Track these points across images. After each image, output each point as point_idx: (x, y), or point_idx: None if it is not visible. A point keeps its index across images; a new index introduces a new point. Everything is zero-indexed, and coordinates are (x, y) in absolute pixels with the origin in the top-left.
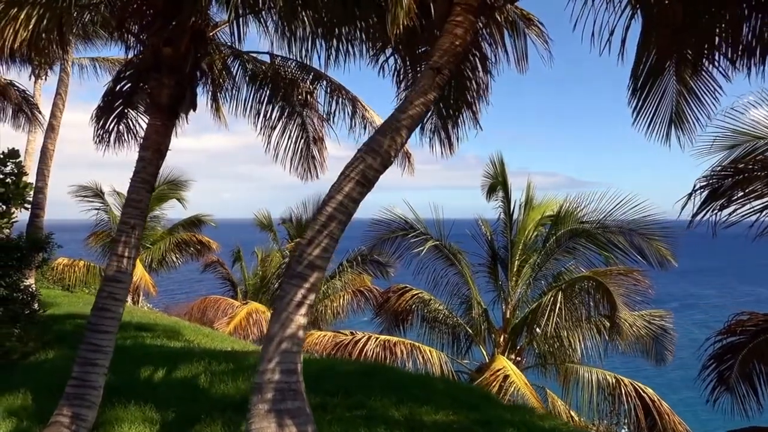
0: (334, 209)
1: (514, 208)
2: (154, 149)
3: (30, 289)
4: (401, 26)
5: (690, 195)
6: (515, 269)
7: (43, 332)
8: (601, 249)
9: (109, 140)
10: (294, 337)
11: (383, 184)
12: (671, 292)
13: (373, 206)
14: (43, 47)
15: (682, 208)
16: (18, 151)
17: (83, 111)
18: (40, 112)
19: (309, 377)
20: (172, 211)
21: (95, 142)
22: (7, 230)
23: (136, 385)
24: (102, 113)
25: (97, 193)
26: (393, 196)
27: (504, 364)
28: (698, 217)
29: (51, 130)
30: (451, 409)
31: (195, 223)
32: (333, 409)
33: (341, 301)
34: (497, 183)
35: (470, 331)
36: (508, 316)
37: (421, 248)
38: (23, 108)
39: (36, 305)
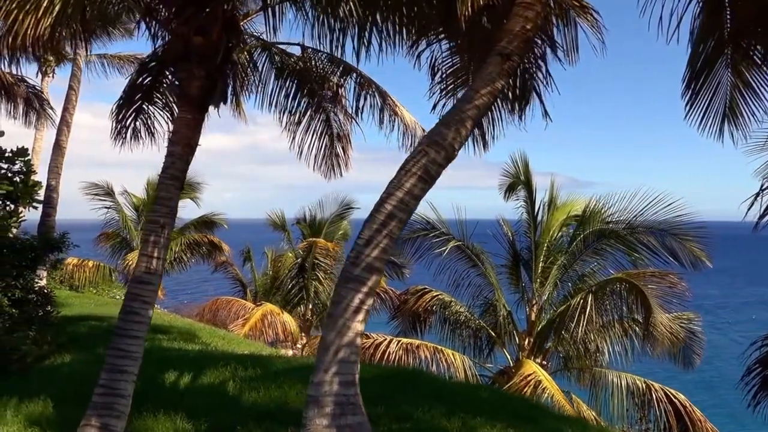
0: (393, 207)
1: (539, 208)
2: (184, 144)
3: (45, 290)
4: (471, 7)
5: (757, 195)
6: (540, 271)
7: (57, 334)
8: (631, 250)
9: (126, 136)
10: (352, 345)
11: (385, 184)
12: None
13: (370, 207)
14: (64, 38)
15: (748, 209)
16: (27, 149)
17: (86, 111)
18: (51, 107)
19: None
20: (182, 211)
21: (112, 138)
22: (15, 230)
23: (161, 391)
24: (121, 107)
25: (108, 192)
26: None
27: (534, 369)
28: (766, 219)
29: (64, 125)
30: (506, 420)
31: (206, 223)
32: (377, 420)
33: None
34: (518, 182)
35: (493, 333)
36: (533, 318)
37: (443, 249)
38: (33, 104)
39: (50, 307)
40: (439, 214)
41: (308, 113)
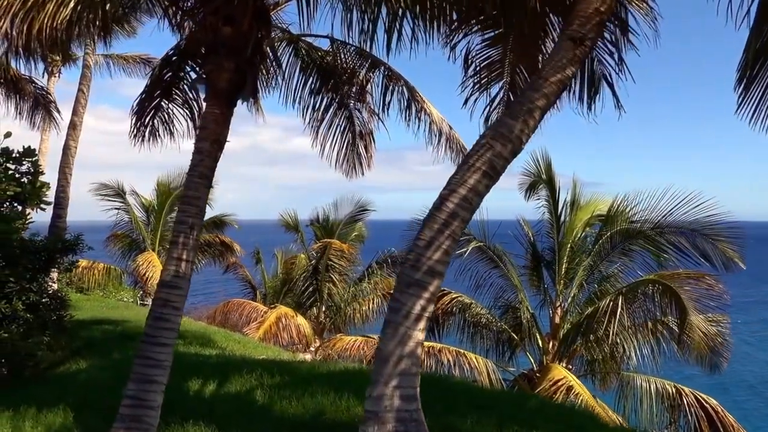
0: (456, 205)
1: (563, 208)
2: (213, 140)
3: (59, 294)
4: None
5: None
6: (563, 272)
7: (71, 339)
8: (660, 251)
9: (144, 135)
10: (413, 356)
11: (389, 185)
12: None
13: (382, 208)
14: (84, 25)
15: None
16: (34, 149)
17: (88, 114)
18: (57, 110)
19: None
20: None
21: (130, 136)
22: (23, 232)
23: (186, 400)
24: (143, 104)
25: (118, 192)
26: (399, 197)
27: (564, 373)
28: None
29: (73, 127)
30: None
31: (217, 223)
32: None
33: (371, 304)
34: (539, 181)
35: (515, 336)
36: (557, 321)
37: (464, 249)
38: (40, 104)
39: (63, 311)
40: None
41: (331, 109)
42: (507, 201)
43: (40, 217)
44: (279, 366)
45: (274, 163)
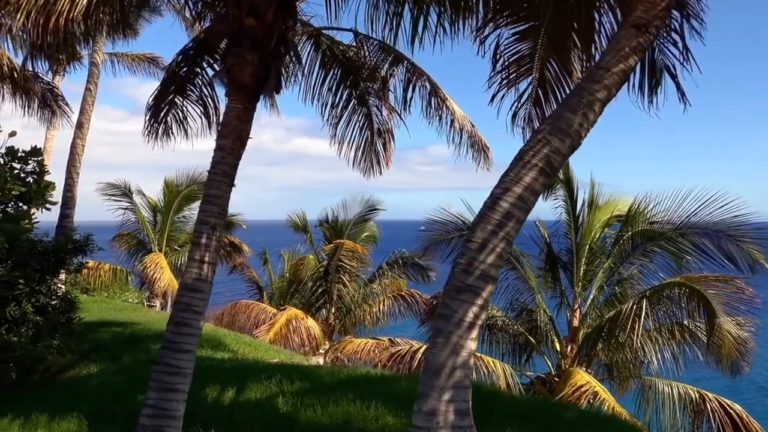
0: (511, 205)
1: (581, 208)
2: (235, 137)
3: (69, 296)
4: None
5: None
6: (581, 273)
7: (80, 342)
8: (683, 252)
9: (158, 132)
10: (466, 367)
11: (390, 185)
12: None
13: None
14: (103, 14)
15: None
16: (40, 148)
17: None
18: (66, 104)
19: (405, 400)
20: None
21: (144, 134)
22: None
23: (205, 408)
24: (158, 100)
25: (125, 192)
26: (399, 196)
27: (587, 378)
28: None
29: (80, 126)
30: None
31: (225, 224)
32: None
33: (381, 306)
34: (556, 180)
35: (532, 339)
36: (575, 324)
37: None
38: (48, 102)
39: (72, 313)
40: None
41: (350, 106)
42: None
43: (46, 218)
44: (297, 371)
45: (276, 163)
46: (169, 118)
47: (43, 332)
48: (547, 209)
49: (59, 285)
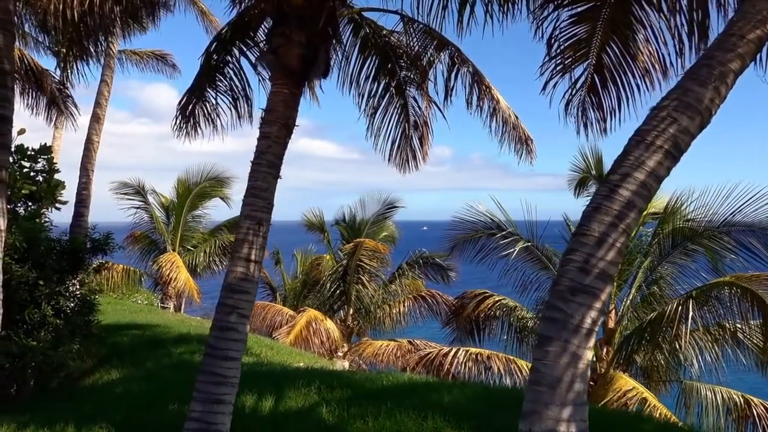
0: (633, 193)
1: None
2: (281, 124)
3: (88, 298)
4: None
5: None
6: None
7: (98, 346)
8: (728, 251)
9: (189, 126)
10: (584, 380)
11: (390, 185)
12: None
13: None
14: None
15: None
16: (50, 147)
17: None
18: (74, 104)
19: (462, 411)
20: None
21: (174, 129)
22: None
23: (245, 419)
24: (191, 93)
25: (138, 191)
26: (400, 196)
27: (632, 383)
28: None
29: (96, 119)
30: None
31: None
32: None
33: (401, 307)
34: (588, 177)
35: None
36: (611, 325)
37: (512, 250)
38: (56, 101)
39: (91, 315)
40: (507, 213)
41: (387, 96)
42: (551, 203)
43: (59, 218)
44: (335, 377)
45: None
46: (197, 112)
47: (64, 336)
48: (576, 210)
49: (77, 286)
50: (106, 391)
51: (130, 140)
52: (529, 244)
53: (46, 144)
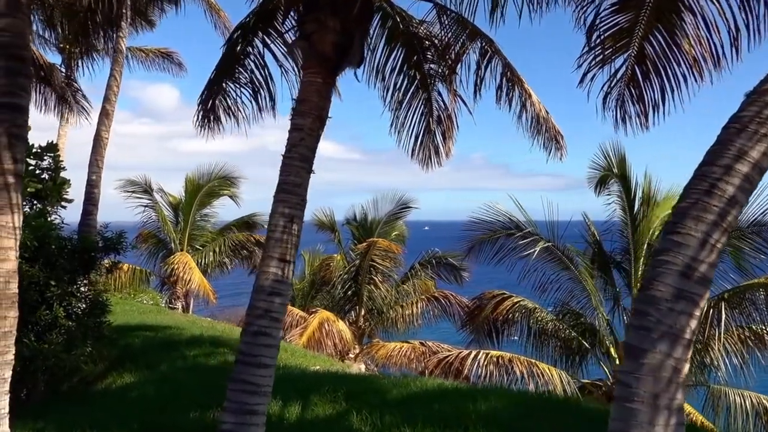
0: (736, 188)
1: (640, 205)
2: (315, 116)
3: (100, 299)
4: None
5: None
6: (640, 274)
7: (110, 348)
8: (759, 252)
9: (211, 121)
10: (682, 397)
11: (391, 185)
12: None
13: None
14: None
15: None
16: (56, 144)
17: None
18: (84, 97)
19: (502, 421)
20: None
21: (196, 125)
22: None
23: (272, 426)
24: (211, 85)
25: (146, 189)
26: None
27: None
28: None
29: (105, 115)
30: None
31: (249, 224)
32: None
33: (413, 308)
34: (609, 175)
35: (586, 344)
36: None
37: (533, 250)
38: (66, 95)
39: (103, 317)
40: (527, 213)
41: (412, 89)
42: (569, 202)
43: (66, 217)
44: (359, 382)
45: (278, 164)
46: (217, 106)
47: (76, 338)
48: (596, 210)
49: (89, 287)
50: (120, 396)
51: (131, 140)
52: (550, 244)
53: (52, 141)
